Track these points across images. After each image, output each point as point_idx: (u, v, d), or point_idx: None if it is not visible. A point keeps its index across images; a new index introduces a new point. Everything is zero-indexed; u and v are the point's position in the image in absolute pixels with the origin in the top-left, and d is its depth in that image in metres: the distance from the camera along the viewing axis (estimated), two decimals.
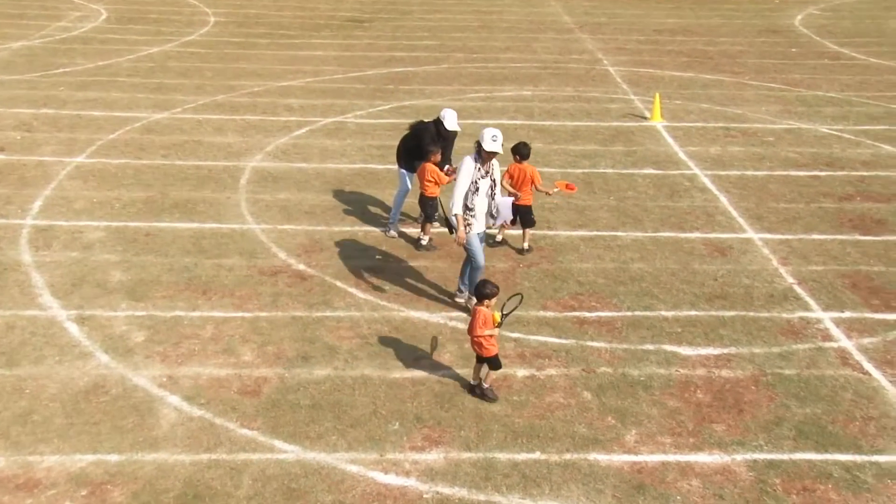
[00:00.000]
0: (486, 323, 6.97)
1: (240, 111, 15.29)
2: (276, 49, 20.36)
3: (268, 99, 16.09)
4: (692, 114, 15.62)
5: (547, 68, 19.01)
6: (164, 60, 18.91)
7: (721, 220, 10.90)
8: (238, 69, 18.31)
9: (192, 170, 12.37)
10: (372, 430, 6.74)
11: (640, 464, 6.34)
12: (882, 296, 8.93)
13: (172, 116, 14.88)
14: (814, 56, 21.02)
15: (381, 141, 13.78)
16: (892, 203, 11.46)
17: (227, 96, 16.23)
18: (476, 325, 6.97)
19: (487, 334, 6.95)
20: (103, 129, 14.01)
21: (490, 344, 6.98)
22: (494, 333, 7.00)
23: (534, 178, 9.78)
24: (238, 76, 17.74)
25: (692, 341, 8.02)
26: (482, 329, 6.95)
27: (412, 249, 9.99)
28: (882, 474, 6.19)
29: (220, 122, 14.68)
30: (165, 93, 16.31)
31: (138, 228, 10.37)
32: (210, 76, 17.65)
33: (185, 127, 14.33)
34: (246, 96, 16.28)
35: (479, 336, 6.96)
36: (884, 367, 7.59)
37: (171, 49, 20.10)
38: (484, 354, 7.03)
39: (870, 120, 15.41)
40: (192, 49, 20.16)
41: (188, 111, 15.25)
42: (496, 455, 6.45)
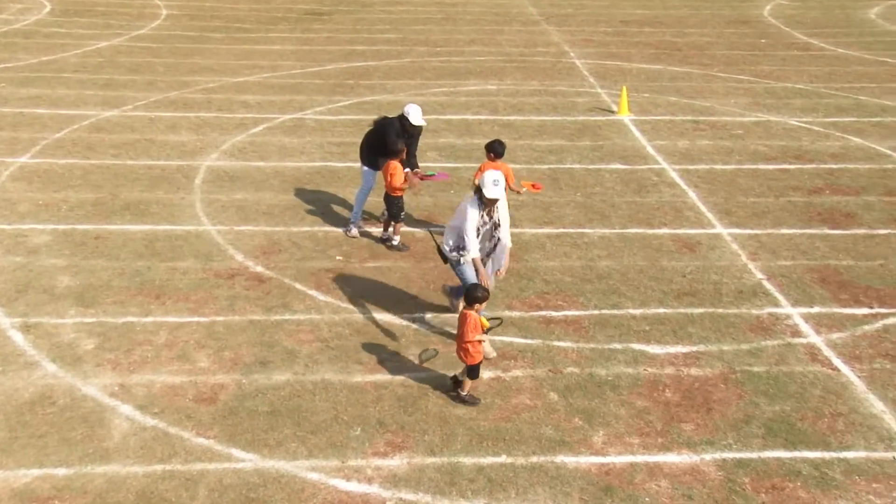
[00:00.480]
0: (475, 328, 6.97)
1: (194, 108, 15.15)
2: (232, 43, 20.22)
3: (223, 95, 15.98)
4: (660, 107, 15.80)
5: (512, 62, 19.11)
6: (114, 55, 18.68)
7: (689, 215, 11.05)
8: (192, 64, 18.15)
9: (143, 170, 12.24)
10: (333, 436, 6.74)
11: (607, 465, 6.42)
12: (851, 290, 9.13)
13: (123, 114, 14.71)
14: (783, 47, 21.37)
15: (342, 138, 13.75)
16: (860, 196, 11.71)
17: (181, 93, 16.08)
18: (467, 330, 6.96)
19: (477, 339, 6.97)
20: (48, 128, 13.81)
21: (476, 350, 7.01)
22: (483, 339, 7.03)
23: (508, 176, 9.82)
24: (192, 72, 17.58)
25: (660, 339, 8.12)
26: (472, 334, 6.96)
27: (374, 249, 9.99)
28: (850, 471, 6.33)
29: (173, 119, 14.54)
30: (115, 89, 16.11)
31: (87, 231, 10.24)
32: (162, 72, 17.48)
33: (136, 125, 14.17)
34: (200, 93, 16.14)
35: (469, 342, 6.96)
36: (852, 363, 7.76)
37: (120, 43, 19.85)
38: (468, 362, 7.05)
39: (839, 112, 15.72)
40: (143, 43, 19.94)
41: (139, 108, 15.08)
42: (461, 459, 6.49)
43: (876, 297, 8.95)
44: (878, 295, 9.01)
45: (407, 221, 10.44)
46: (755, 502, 6.04)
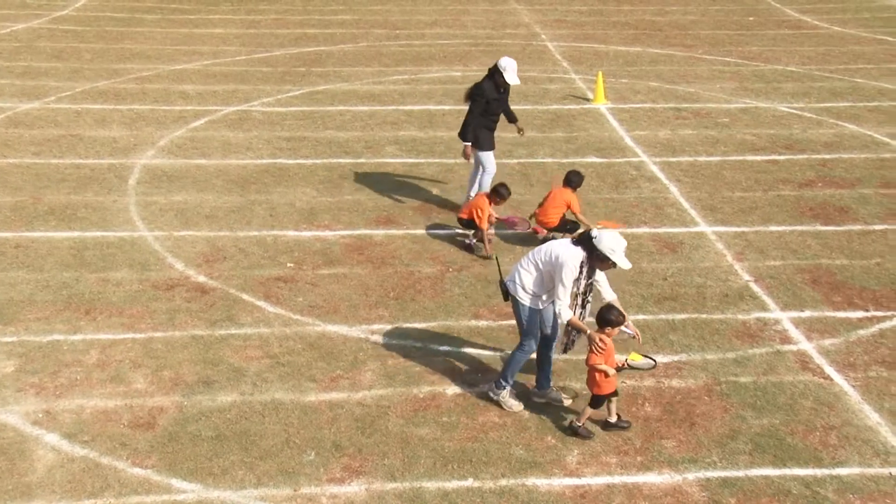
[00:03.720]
0: (607, 355, 6.80)
1: (126, 100, 15.07)
2: (168, 26, 20.12)
3: (159, 85, 15.91)
4: (640, 94, 16.01)
5: (478, 45, 19.24)
6: (32, 40, 18.50)
7: (671, 212, 11.23)
8: (122, 50, 18.04)
9: (70, 169, 12.17)
10: (284, 461, 6.78)
11: (583, 487, 6.53)
12: (844, 292, 9.34)
13: (44, 106, 14.59)
14: (773, 25, 21.75)
15: (292, 132, 13.78)
16: (855, 189, 11.98)
17: (111, 82, 15.98)
18: (591, 354, 6.81)
19: (603, 370, 6.83)
20: None
21: (604, 379, 6.86)
22: (611, 373, 6.85)
23: (572, 205, 10.18)
24: (122, 58, 17.48)
25: (640, 349, 8.25)
26: (600, 359, 6.79)
27: (328, 255, 10.03)
28: (843, 489, 6.50)
29: (102, 112, 14.45)
30: (34, 78, 15.96)
31: (5, 240, 10.17)
32: (89, 58, 17.35)
33: (59, 119, 14.06)
34: (133, 82, 16.05)
35: (595, 368, 6.82)
36: (846, 371, 7.95)
37: (39, 26, 19.66)
38: (593, 391, 6.92)
39: (832, 96, 16.04)
40: (66, 26, 19.76)
41: (63, 100, 14.97)
42: (424, 484, 6.56)
43: (871, 299, 9.17)
44: (874, 296, 9.23)
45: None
46: None
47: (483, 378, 7.82)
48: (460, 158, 12.84)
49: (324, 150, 13.11)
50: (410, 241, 10.40)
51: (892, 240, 10.51)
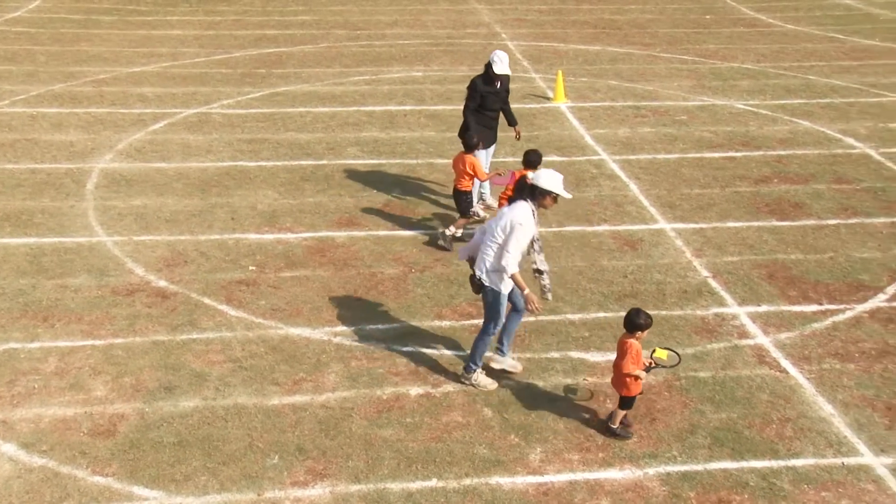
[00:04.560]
0: (636, 359, 6.84)
1: (83, 103, 14.89)
2: (125, 28, 19.90)
3: (117, 88, 15.73)
4: (599, 92, 16.13)
5: (439, 45, 19.26)
6: None
7: (631, 210, 11.35)
8: (79, 52, 17.81)
9: (25, 174, 12.00)
10: (247, 466, 6.76)
11: (546, 485, 6.58)
12: (799, 286, 9.50)
13: None
14: (729, 23, 22.01)
15: (253, 134, 13.71)
16: (809, 184, 12.17)
17: (67, 85, 15.78)
18: (627, 361, 6.80)
19: (637, 374, 6.85)
20: None
21: (634, 384, 6.92)
22: (642, 377, 6.91)
23: None
24: (79, 61, 17.26)
25: (601, 346, 8.34)
26: (633, 366, 6.81)
27: (290, 257, 10.00)
28: (798, 479, 6.62)
29: (58, 116, 14.27)
30: None
31: None
32: (44, 61, 17.11)
33: (14, 123, 13.86)
34: (90, 85, 15.86)
35: (629, 374, 6.85)
36: (801, 364, 8.09)
37: None
38: (623, 393, 6.94)
39: (787, 93, 16.28)
40: (20, 28, 19.47)
41: (18, 104, 14.75)
42: (388, 485, 6.57)
43: (825, 293, 9.34)
44: (828, 290, 9.40)
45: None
46: None
47: (446, 378, 7.85)
48: (422, 159, 12.90)
49: (285, 152, 13.06)
50: (373, 242, 10.41)
51: (845, 234, 10.70)
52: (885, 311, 9.01)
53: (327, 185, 11.93)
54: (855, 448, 6.98)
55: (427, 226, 10.83)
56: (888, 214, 11.23)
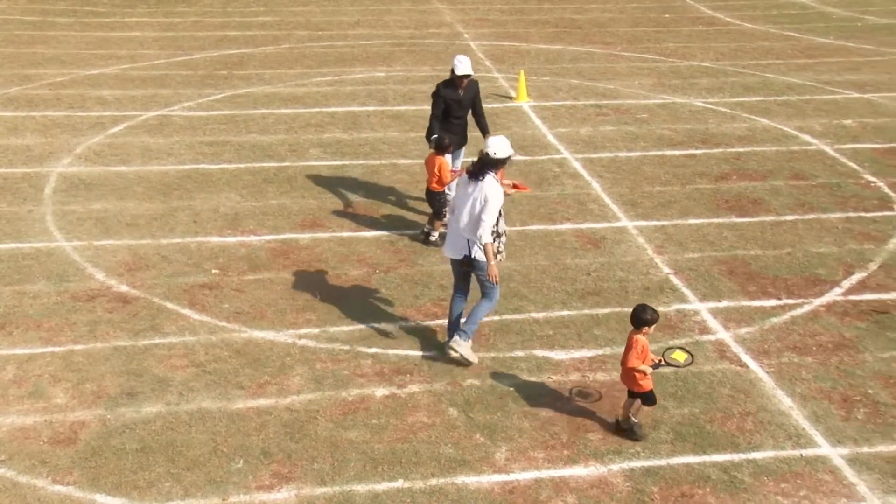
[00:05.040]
0: (643, 355, 6.88)
1: (39, 106, 14.69)
2: (82, 29, 19.65)
3: (74, 91, 15.54)
4: (561, 91, 16.23)
5: (402, 45, 19.26)
6: None
7: (594, 208, 11.43)
8: (34, 55, 17.57)
9: None
10: (212, 471, 6.72)
11: (511, 483, 6.62)
12: (759, 281, 9.63)
13: None
14: (688, 22, 22.25)
15: (214, 136, 13.61)
16: (767, 181, 12.34)
17: (22, 88, 15.56)
18: (632, 355, 6.85)
19: (642, 370, 6.88)
20: None
21: (643, 379, 6.94)
22: (648, 373, 6.93)
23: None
24: (35, 63, 17.02)
25: (565, 344, 8.40)
26: (638, 361, 6.86)
27: (253, 260, 9.95)
28: (758, 472, 6.72)
29: (14, 120, 14.06)
30: None
31: None
32: None
33: None
34: (46, 88, 15.65)
35: (634, 369, 6.88)
36: (761, 358, 8.21)
37: None
38: (636, 390, 6.97)
39: (745, 91, 16.49)
40: None
41: None
42: (354, 487, 6.57)
43: (784, 288, 9.48)
44: (786, 285, 9.55)
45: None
46: None
47: (412, 379, 7.86)
48: (385, 159, 12.89)
49: (247, 154, 12.98)
50: (336, 243, 10.38)
51: (802, 230, 10.87)
52: (840, 304, 9.17)
53: (290, 187, 11.89)
54: (813, 440, 7.10)
55: (391, 227, 10.83)
56: (843, 210, 11.42)
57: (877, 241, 10.54)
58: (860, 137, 14.08)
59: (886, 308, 9.08)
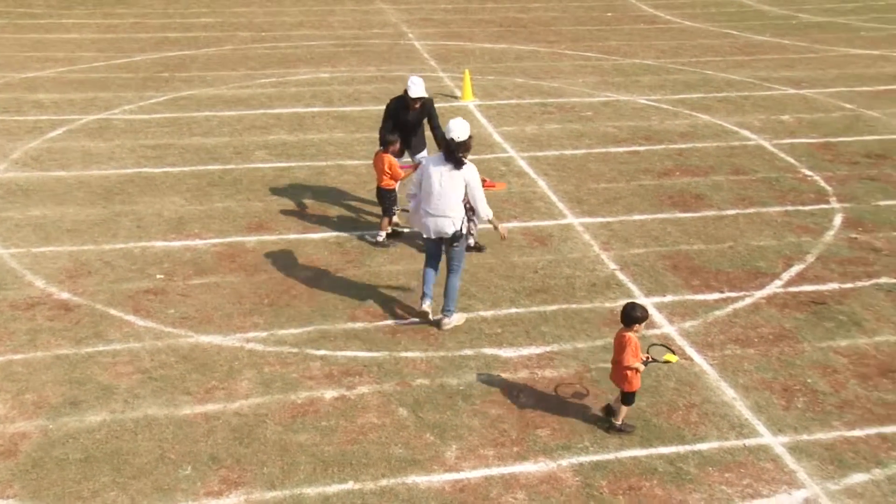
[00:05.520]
0: (636, 353, 6.93)
1: None
2: (17, 31, 19.23)
3: (10, 94, 15.20)
4: (506, 90, 16.32)
5: (346, 45, 19.18)
6: None
7: (540, 206, 11.51)
8: None
9: None
10: (159, 478, 6.63)
11: (462, 482, 6.64)
12: (702, 275, 9.79)
13: None
14: (629, 20, 22.54)
15: (157, 139, 13.42)
16: (709, 176, 12.55)
17: None
18: (628, 354, 6.90)
19: (636, 367, 6.93)
20: None
21: (635, 377, 7.00)
22: (641, 369, 6.99)
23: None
24: None
25: (513, 342, 8.45)
26: (634, 360, 6.92)
27: (199, 264, 9.84)
28: (704, 463, 6.84)
29: None
30: None
31: None
32: None
33: None
34: None
35: (629, 367, 6.92)
36: (705, 351, 8.35)
37: None
38: (626, 388, 7.03)
39: (686, 88, 16.76)
40: None
41: None
42: (304, 490, 6.54)
43: (726, 281, 9.65)
44: (728, 278, 9.72)
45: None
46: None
47: (361, 380, 7.84)
48: (331, 160, 12.83)
49: (191, 157, 12.83)
50: (283, 246, 10.32)
51: (743, 224, 11.08)
52: (780, 296, 9.37)
53: (235, 190, 11.78)
54: (755, 429, 7.24)
55: (338, 228, 10.79)
56: (782, 203, 11.67)
57: (814, 234, 10.79)
58: (797, 132, 14.40)
59: (823, 299, 9.30)
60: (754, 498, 6.47)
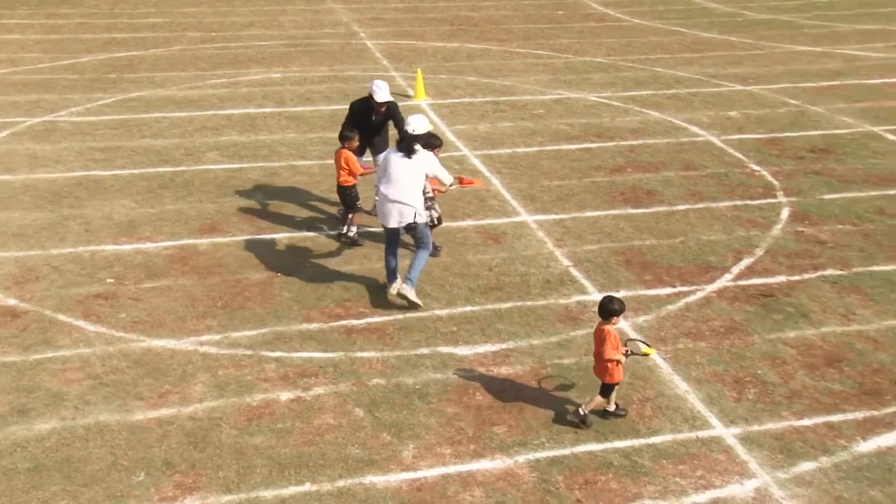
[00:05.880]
0: (616, 345, 7.08)
1: None
2: None
3: None
4: (459, 88, 16.34)
5: (297, 45, 19.06)
6: None
7: (494, 204, 11.55)
8: None
9: None
10: (111, 485, 6.53)
11: (419, 480, 6.64)
12: (654, 270, 9.90)
13: None
14: (580, 18, 22.71)
15: (106, 142, 13.21)
16: (660, 172, 12.70)
17: None
18: (608, 347, 7.05)
19: (617, 359, 7.06)
20: None
21: (616, 369, 7.12)
22: (623, 360, 7.12)
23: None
24: None
25: (469, 340, 8.46)
26: (615, 352, 7.05)
27: (150, 267, 9.71)
28: (658, 456, 6.92)
29: None
30: None
31: None
32: None
33: None
34: None
35: (611, 360, 7.05)
36: (658, 345, 8.44)
37: None
38: (607, 380, 7.16)
39: (636, 85, 16.93)
40: None
41: None
42: (261, 493, 6.49)
43: (678, 276, 9.77)
44: (680, 273, 9.84)
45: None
46: (569, 500, 6.46)
47: (317, 381, 7.80)
48: (284, 161, 12.74)
49: (141, 159, 12.66)
50: (236, 248, 10.22)
51: (693, 219, 11.23)
52: (730, 290, 9.51)
53: (187, 192, 11.64)
54: (708, 421, 7.34)
55: (292, 229, 10.72)
56: (731, 198, 11.85)
57: (762, 228, 10.97)
58: (744, 128, 14.62)
59: (772, 291, 9.46)
60: (707, 489, 6.57)
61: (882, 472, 6.77)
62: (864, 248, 10.46)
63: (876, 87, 17.11)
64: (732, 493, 6.52)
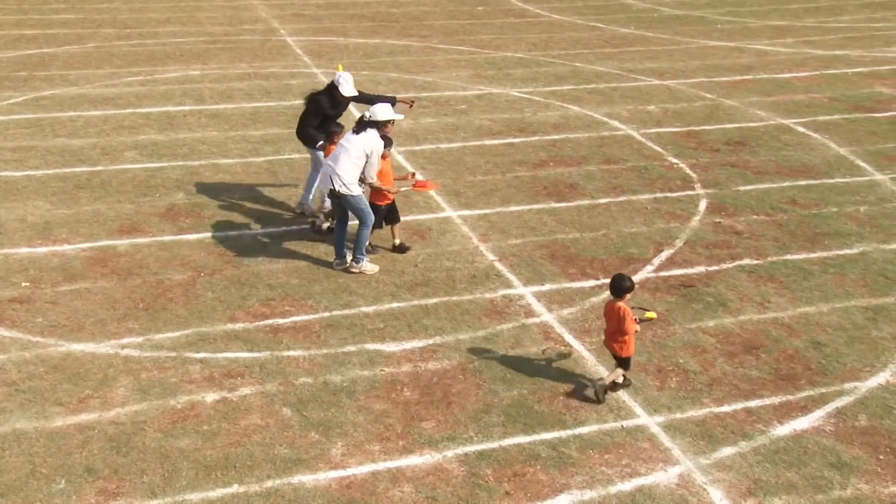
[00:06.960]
0: (631, 319, 7.46)
1: None
2: None
3: None
4: (380, 85, 16.28)
5: (216, 42, 18.74)
6: None
7: (418, 200, 11.55)
8: None
9: None
10: (30, 494, 6.34)
11: (348, 478, 6.61)
12: (578, 263, 10.04)
13: None
14: (500, 14, 22.85)
15: (17, 142, 12.79)
16: (581, 166, 12.87)
17: None
18: (629, 322, 7.41)
19: (635, 329, 7.51)
20: None
21: (632, 341, 7.56)
22: (638, 330, 7.62)
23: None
24: None
25: (395, 336, 8.45)
26: (635, 325, 7.49)
27: (68, 270, 9.43)
28: (584, 446, 7.02)
29: None
30: None
31: None
32: None
33: None
34: None
35: (630, 334, 7.45)
36: (583, 337, 8.56)
37: None
38: (622, 354, 7.55)
39: (557, 80, 17.12)
40: None
41: None
42: (187, 496, 6.37)
43: (601, 268, 9.93)
44: (603, 265, 10.00)
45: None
46: (498, 493, 6.51)
47: (243, 381, 7.70)
48: (205, 160, 12.52)
49: (55, 159, 12.29)
50: (157, 248, 10.01)
51: (615, 211, 11.41)
52: (652, 280, 9.70)
53: (105, 192, 11.35)
54: (632, 411, 7.48)
55: (214, 228, 10.55)
56: (651, 191, 12.08)
57: (681, 220, 11.22)
58: (662, 122, 14.92)
59: (692, 282, 9.68)
60: (633, 477, 6.69)
61: (798, 454, 6.99)
62: (778, 237, 10.78)
63: (786, 80, 17.65)
64: (657, 481, 6.66)
